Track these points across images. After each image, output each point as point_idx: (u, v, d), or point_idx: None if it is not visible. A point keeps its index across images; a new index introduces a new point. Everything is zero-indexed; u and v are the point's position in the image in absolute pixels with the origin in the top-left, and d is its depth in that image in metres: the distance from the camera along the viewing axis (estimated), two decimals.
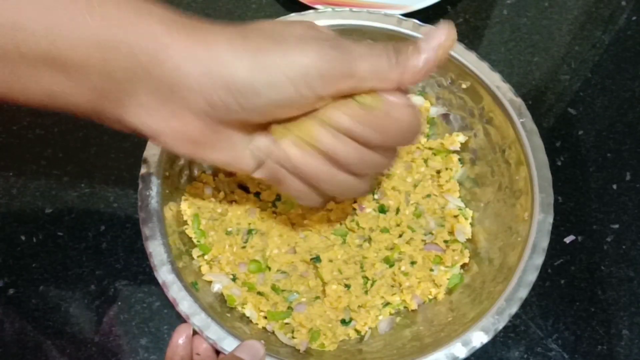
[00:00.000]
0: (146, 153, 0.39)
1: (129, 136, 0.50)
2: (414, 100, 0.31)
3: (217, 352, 0.35)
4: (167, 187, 0.39)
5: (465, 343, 0.34)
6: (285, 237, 0.42)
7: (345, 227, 0.43)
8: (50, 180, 0.49)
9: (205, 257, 0.41)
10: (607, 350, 0.43)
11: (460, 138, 0.45)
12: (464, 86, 0.43)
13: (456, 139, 0.45)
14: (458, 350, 0.34)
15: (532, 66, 0.55)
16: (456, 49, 0.42)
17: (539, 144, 0.39)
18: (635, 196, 0.49)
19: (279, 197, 0.44)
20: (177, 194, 0.41)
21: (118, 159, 0.50)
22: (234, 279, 0.41)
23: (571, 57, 0.55)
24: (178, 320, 0.40)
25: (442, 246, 0.42)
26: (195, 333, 0.35)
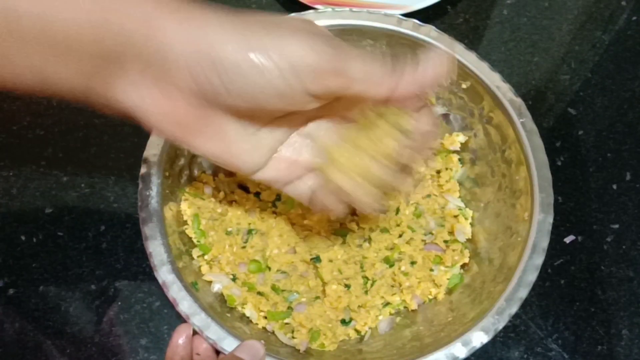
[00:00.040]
0: (146, 153, 0.39)
1: (129, 136, 0.50)
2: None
3: (217, 352, 0.35)
4: (167, 187, 0.39)
5: (465, 343, 0.34)
6: (285, 237, 0.42)
7: (345, 227, 0.43)
8: (50, 180, 0.49)
9: (205, 257, 0.41)
10: (607, 350, 0.43)
11: (460, 138, 0.45)
12: (464, 86, 0.43)
13: (456, 139, 0.45)
14: (458, 350, 0.34)
15: (532, 66, 0.55)
16: (456, 49, 0.42)
17: (539, 144, 0.39)
18: (635, 196, 0.49)
19: (279, 197, 0.44)
20: (177, 194, 0.41)
21: (118, 159, 0.50)
22: (234, 279, 0.41)
23: (571, 57, 0.55)
24: (178, 320, 0.40)
25: (442, 246, 0.42)
26: (195, 333, 0.35)
